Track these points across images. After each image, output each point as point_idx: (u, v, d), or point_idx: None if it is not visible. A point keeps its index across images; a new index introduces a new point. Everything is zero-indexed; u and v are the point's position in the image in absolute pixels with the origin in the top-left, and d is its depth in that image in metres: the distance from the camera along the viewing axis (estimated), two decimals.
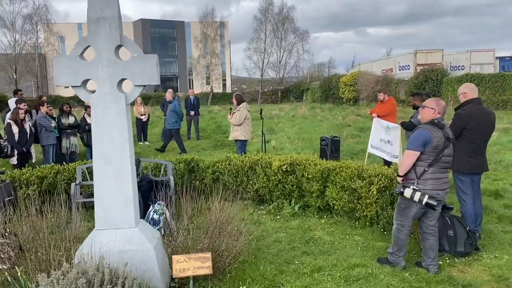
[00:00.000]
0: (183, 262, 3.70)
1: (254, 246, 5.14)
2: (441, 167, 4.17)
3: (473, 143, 5.02)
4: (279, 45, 44.09)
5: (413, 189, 4.20)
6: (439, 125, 4.18)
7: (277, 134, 14.76)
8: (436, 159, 4.14)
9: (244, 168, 6.90)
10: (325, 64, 65.00)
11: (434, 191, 4.16)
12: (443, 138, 4.13)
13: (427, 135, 4.16)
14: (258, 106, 34.75)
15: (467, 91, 5.15)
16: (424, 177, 4.19)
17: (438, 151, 4.12)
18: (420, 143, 4.17)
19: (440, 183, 4.18)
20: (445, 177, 4.22)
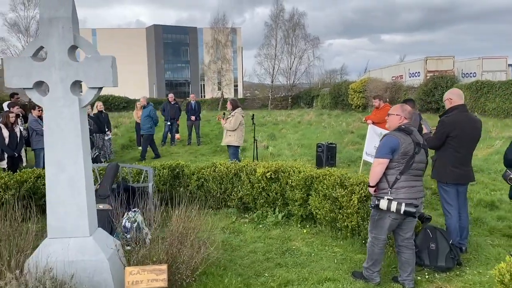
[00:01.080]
0: (136, 274, 3.53)
1: (227, 256, 4.97)
2: (414, 175, 3.94)
3: (457, 152, 4.77)
4: (289, 52, 43.93)
5: (388, 200, 3.97)
6: (407, 131, 3.96)
7: (278, 140, 14.56)
8: (407, 166, 3.92)
9: (228, 175, 6.72)
10: (338, 70, 64.64)
11: (408, 199, 3.92)
12: (412, 144, 3.91)
13: (394, 142, 3.95)
14: (268, 112, 34.68)
15: (452, 97, 4.90)
16: (397, 186, 3.97)
17: (408, 157, 3.90)
18: (388, 150, 3.97)
19: (414, 191, 3.94)
20: (418, 185, 3.98)
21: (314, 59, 44.28)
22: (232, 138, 8.98)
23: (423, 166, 3.97)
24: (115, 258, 3.73)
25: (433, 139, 4.92)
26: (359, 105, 30.12)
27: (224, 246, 5.33)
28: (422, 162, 3.95)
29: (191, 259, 3.86)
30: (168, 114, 14.70)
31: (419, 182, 3.99)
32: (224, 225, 6.12)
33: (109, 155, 11.78)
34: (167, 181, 6.84)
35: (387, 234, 4.14)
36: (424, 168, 3.99)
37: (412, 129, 3.97)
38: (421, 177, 4.00)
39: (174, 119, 14.82)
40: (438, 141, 4.86)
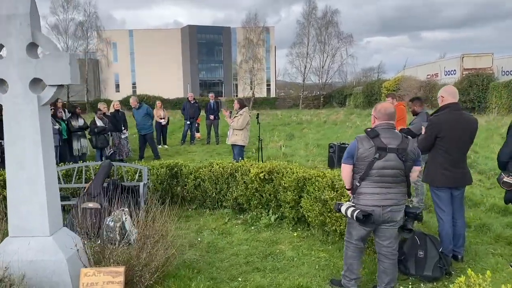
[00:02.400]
0: (91, 275, 3.46)
1: (208, 259, 4.85)
2: (378, 181, 3.65)
3: (448, 153, 4.44)
4: (322, 50, 43.38)
5: (349, 205, 3.75)
6: (371, 134, 3.68)
7: (295, 140, 14.31)
8: (367, 172, 3.65)
9: (224, 175, 6.59)
10: (375, 69, 63.27)
11: (368, 207, 3.66)
12: (373, 148, 3.62)
13: (352, 146, 3.75)
14: (297, 111, 34.35)
15: (444, 94, 4.57)
16: (358, 192, 3.74)
17: (366, 163, 3.64)
18: (347, 154, 3.78)
19: (378, 199, 3.66)
20: (384, 192, 3.66)
21: (347, 57, 43.53)
22: (238, 137, 8.86)
23: (391, 172, 3.61)
24: (75, 258, 3.67)
25: (422, 140, 4.61)
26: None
27: (208, 247, 5.22)
28: (389, 168, 3.60)
29: (150, 262, 3.74)
30: (187, 113, 14.76)
31: (388, 189, 3.66)
32: (215, 226, 6.01)
33: (126, 153, 11.91)
34: (164, 180, 6.79)
35: (359, 239, 3.89)
36: (394, 175, 3.62)
37: (377, 132, 3.69)
38: (391, 184, 3.66)
39: (194, 118, 14.87)
40: (426, 142, 4.54)
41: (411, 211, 3.83)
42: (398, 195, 3.72)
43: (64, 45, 43.80)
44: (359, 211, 3.66)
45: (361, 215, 3.62)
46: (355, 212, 3.68)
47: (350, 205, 3.82)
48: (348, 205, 3.83)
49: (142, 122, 12.06)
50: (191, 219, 6.39)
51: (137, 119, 12.13)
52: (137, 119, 12.13)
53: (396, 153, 3.64)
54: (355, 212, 3.68)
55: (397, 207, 3.72)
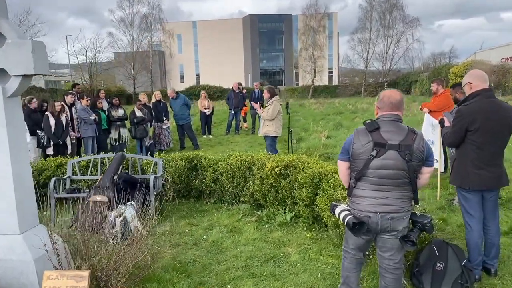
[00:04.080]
0: (55, 279, 3.24)
1: (206, 260, 4.53)
2: (376, 183, 3.07)
3: (480, 149, 3.73)
4: (385, 35, 41.27)
5: (343, 208, 3.21)
6: (369, 127, 3.09)
7: (341, 130, 13.54)
8: (361, 172, 3.08)
9: (241, 169, 6.21)
10: (446, 54, 59.43)
11: (364, 212, 3.10)
12: (370, 144, 3.03)
13: (347, 140, 3.19)
14: (357, 99, 33.04)
15: (472, 80, 3.83)
16: (354, 194, 3.19)
17: (362, 161, 3.06)
18: (343, 150, 3.22)
19: (374, 204, 3.08)
20: (383, 196, 3.07)
21: (413, 41, 41.10)
22: (270, 128, 8.41)
23: (390, 173, 3.01)
24: (45, 259, 3.48)
25: (450, 135, 3.92)
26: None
27: (211, 247, 4.89)
28: (388, 168, 3.01)
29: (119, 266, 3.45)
30: (232, 102, 14.51)
31: (386, 193, 3.07)
32: (227, 223, 5.67)
33: (167, 144, 11.92)
34: (183, 173, 6.55)
35: (356, 249, 3.34)
36: (395, 176, 3.02)
37: (377, 125, 3.09)
38: (391, 187, 3.05)
39: (238, 107, 14.61)
40: (455, 136, 3.84)
41: (418, 220, 3.21)
42: (399, 200, 3.11)
43: (130, 38, 45.51)
44: (351, 217, 3.12)
45: (352, 222, 3.08)
46: (347, 218, 3.14)
47: (344, 208, 3.29)
48: (343, 207, 3.30)
49: (180, 112, 12.02)
50: (207, 214, 6.10)
51: (174, 109, 12.11)
52: (175, 109, 12.11)
53: (398, 150, 3.03)
54: (347, 217, 3.14)
55: (399, 214, 3.12)
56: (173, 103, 12.14)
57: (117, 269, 3.38)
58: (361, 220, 3.09)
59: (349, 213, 3.18)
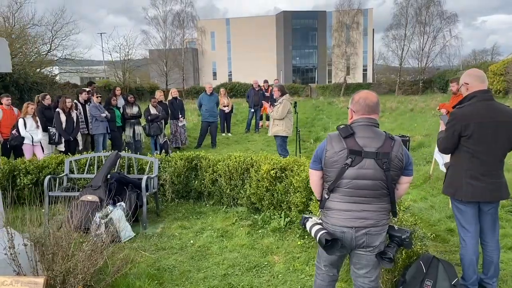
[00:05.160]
0: (9, 285, 3.13)
1: (187, 267, 4.34)
2: (350, 195, 2.77)
3: (475, 157, 3.35)
4: (422, 31, 39.83)
5: (315, 222, 2.93)
6: (343, 132, 2.78)
7: None
8: (335, 183, 2.78)
9: (239, 170, 5.99)
10: (488, 51, 56.94)
11: (337, 226, 2.80)
12: (344, 151, 2.72)
13: (320, 147, 2.88)
14: (389, 97, 32.06)
15: (469, 80, 3.45)
16: (326, 206, 2.88)
17: (336, 170, 2.76)
18: (315, 157, 2.90)
19: (349, 217, 2.78)
20: (359, 209, 2.76)
21: (450, 38, 39.48)
22: (279, 128, 8.14)
23: (367, 183, 2.70)
24: (6, 264, 3.37)
25: (442, 140, 3.55)
26: (500, 90, 25.88)
27: (196, 252, 4.70)
28: (364, 178, 2.70)
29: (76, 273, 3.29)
30: (252, 100, 14.30)
31: (363, 205, 2.75)
32: (220, 226, 5.46)
33: (183, 141, 11.85)
34: (181, 173, 6.39)
35: (329, 265, 3.04)
36: (372, 187, 2.71)
37: (352, 130, 2.78)
38: (368, 199, 2.74)
39: (258, 105, 14.37)
40: (447, 142, 3.47)
41: (396, 235, 2.89)
42: (376, 213, 2.80)
43: (163, 35, 46.04)
44: (323, 233, 2.82)
45: (324, 239, 2.79)
46: (319, 233, 2.85)
47: (317, 221, 3.00)
48: (314, 221, 3.01)
49: (213, 109, 11.91)
50: (202, 217, 5.91)
51: (207, 105, 11.83)
52: (208, 105, 11.86)
53: (375, 158, 2.72)
54: (319, 233, 2.85)
55: (376, 229, 2.81)
56: (207, 98, 11.89)
57: (75, 276, 3.22)
58: (335, 236, 2.80)
59: (321, 228, 2.88)
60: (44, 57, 30.21)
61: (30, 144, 8.42)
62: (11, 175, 6.39)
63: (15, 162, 6.49)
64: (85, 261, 3.25)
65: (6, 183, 6.30)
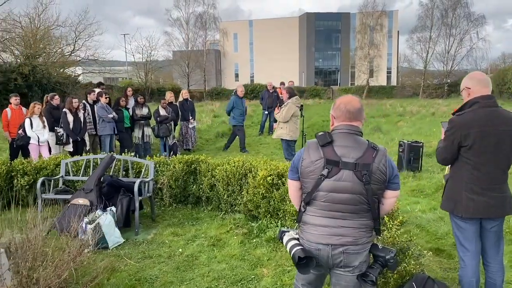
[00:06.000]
0: None
1: (171, 277, 4.13)
2: (326, 209, 2.50)
3: (476, 169, 3.02)
4: (447, 33, 38.81)
5: (292, 237, 2.67)
6: (321, 140, 2.52)
7: (378, 135, 12.63)
8: (311, 195, 2.52)
9: (237, 176, 5.76)
10: None
11: (313, 243, 2.54)
12: (321, 161, 2.46)
13: (297, 156, 2.62)
14: (412, 101, 31.31)
15: (471, 84, 3.12)
16: (303, 220, 2.62)
17: (313, 181, 2.50)
18: (292, 167, 2.64)
19: (325, 234, 2.51)
20: (335, 225, 2.49)
21: (478, 40, 38.35)
22: (283, 131, 7.89)
23: (345, 197, 2.44)
24: None
25: (441, 150, 3.23)
26: None
27: (183, 262, 4.48)
28: (341, 191, 2.43)
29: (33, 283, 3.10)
30: (265, 102, 14.06)
31: (340, 221, 2.48)
32: (214, 234, 5.23)
33: (193, 143, 11.71)
34: (179, 177, 6.20)
35: (306, 284, 2.77)
36: (350, 201, 2.44)
37: (330, 138, 2.52)
38: (346, 214, 2.46)
39: (272, 107, 14.09)
40: (446, 152, 3.15)
41: (379, 254, 2.60)
42: (356, 230, 2.52)
43: (185, 37, 46.31)
44: (298, 249, 2.56)
45: (297, 257, 2.53)
46: (294, 250, 2.59)
47: (293, 236, 2.74)
48: (291, 235, 2.75)
49: (244, 113, 11.46)
50: (198, 223, 5.71)
51: (242, 108, 11.30)
52: (242, 108, 11.34)
53: (354, 170, 2.45)
54: (294, 249, 2.59)
55: (355, 247, 2.52)
56: (239, 101, 11.33)
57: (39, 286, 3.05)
58: (309, 254, 2.54)
59: (297, 244, 2.62)
60: (67, 57, 30.71)
61: (36, 144, 8.39)
62: (9, 176, 6.32)
63: (13, 163, 6.43)
64: (49, 271, 3.07)
65: (3, 184, 6.24)
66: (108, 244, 4.84)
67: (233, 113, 11.31)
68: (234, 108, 11.29)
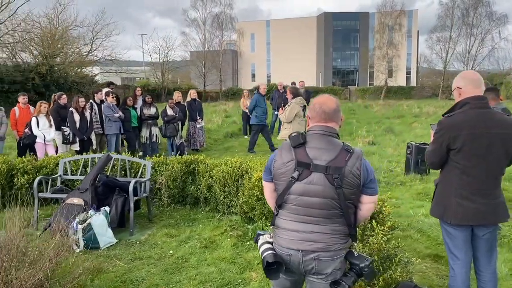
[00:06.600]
0: None
1: (157, 280, 4.06)
2: (297, 213, 2.39)
3: (465, 174, 2.87)
4: (468, 33, 37.98)
5: (266, 240, 2.56)
6: (294, 141, 2.41)
7: (390, 136, 12.37)
8: (282, 198, 2.41)
9: (233, 177, 5.66)
10: None
11: (284, 248, 2.42)
12: (292, 162, 2.35)
13: (270, 157, 2.53)
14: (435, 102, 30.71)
15: (462, 84, 2.96)
16: (276, 223, 2.51)
17: (284, 184, 2.39)
18: (266, 168, 2.55)
19: (296, 239, 2.39)
20: (307, 230, 2.36)
21: (500, 40, 37.44)
22: (287, 132, 7.74)
23: (316, 201, 2.32)
24: None
25: (429, 153, 3.08)
26: None
27: (172, 264, 4.40)
28: (312, 195, 2.32)
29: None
30: (275, 102, 13.92)
31: (312, 226, 2.36)
32: (208, 236, 5.16)
33: (201, 143, 11.67)
34: (177, 177, 6.15)
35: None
36: (322, 206, 2.32)
37: (303, 139, 2.40)
38: (317, 219, 2.34)
39: None
40: (434, 155, 3.00)
41: (354, 262, 2.47)
42: (328, 236, 2.39)
43: (202, 37, 46.47)
44: (269, 254, 2.46)
45: (266, 261, 2.42)
46: (265, 254, 2.48)
47: (268, 240, 2.62)
48: (266, 239, 2.64)
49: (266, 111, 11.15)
50: (194, 224, 5.65)
51: (264, 107, 11.01)
52: (264, 107, 11.04)
53: (325, 173, 2.33)
54: (265, 253, 2.49)
55: (326, 254, 2.40)
56: (262, 99, 11.02)
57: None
58: (279, 259, 2.43)
59: (269, 248, 2.52)
60: (85, 57, 31.14)
61: (42, 143, 8.45)
62: (9, 175, 6.36)
63: (14, 162, 6.47)
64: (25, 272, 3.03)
65: (4, 182, 6.29)
66: (99, 245, 4.81)
67: (256, 112, 10.97)
68: (257, 107, 10.96)
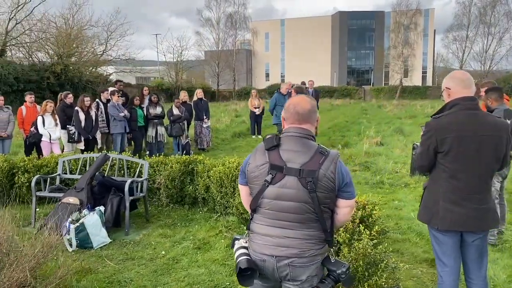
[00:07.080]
0: None
1: (145, 281, 4.03)
2: (271, 217, 2.31)
3: (453, 178, 2.76)
4: (486, 32, 37.28)
5: (242, 245, 2.49)
6: (267, 143, 2.33)
7: (398, 137, 12.16)
8: (255, 202, 2.34)
9: (230, 177, 5.61)
10: None
11: (258, 253, 2.35)
12: (266, 166, 2.27)
13: (245, 160, 2.45)
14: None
15: (451, 84, 2.84)
16: (251, 228, 2.44)
17: (257, 187, 2.32)
18: (241, 171, 2.48)
19: (269, 244, 2.31)
20: (280, 235, 2.28)
21: None
22: None
23: (289, 205, 2.24)
24: None
25: (417, 156, 2.97)
26: None
27: (162, 265, 4.36)
28: (285, 199, 2.24)
29: None
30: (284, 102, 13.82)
31: (285, 231, 2.27)
32: (203, 237, 5.11)
33: (207, 143, 11.66)
34: (176, 177, 6.12)
35: None
36: (296, 210, 2.24)
37: (277, 142, 2.32)
38: (291, 224, 2.27)
39: None
40: (422, 158, 2.89)
41: (331, 268, 2.39)
42: (302, 242, 2.31)
43: (216, 37, 46.57)
44: (243, 259, 2.39)
45: (239, 268, 2.36)
46: (239, 259, 2.42)
47: (243, 245, 2.55)
48: (241, 244, 2.57)
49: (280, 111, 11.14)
50: (191, 224, 5.61)
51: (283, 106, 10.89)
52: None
53: (298, 176, 2.25)
54: (239, 258, 2.42)
55: (301, 260, 2.32)
56: (282, 99, 10.52)
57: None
58: (253, 265, 2.36)
59: (244, 253, 2.45)
60: (99, 57, 31.45)
61: (48, 142, 8.52)
62: (10, 173, 6.41)
63: (15, 160, 6.52)
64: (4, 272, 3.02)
65: (5, 181, 6.34)
66: (92, 244, 4.80)
67: (276, 111, 10.57)
68: (277, 106, 10.54)
